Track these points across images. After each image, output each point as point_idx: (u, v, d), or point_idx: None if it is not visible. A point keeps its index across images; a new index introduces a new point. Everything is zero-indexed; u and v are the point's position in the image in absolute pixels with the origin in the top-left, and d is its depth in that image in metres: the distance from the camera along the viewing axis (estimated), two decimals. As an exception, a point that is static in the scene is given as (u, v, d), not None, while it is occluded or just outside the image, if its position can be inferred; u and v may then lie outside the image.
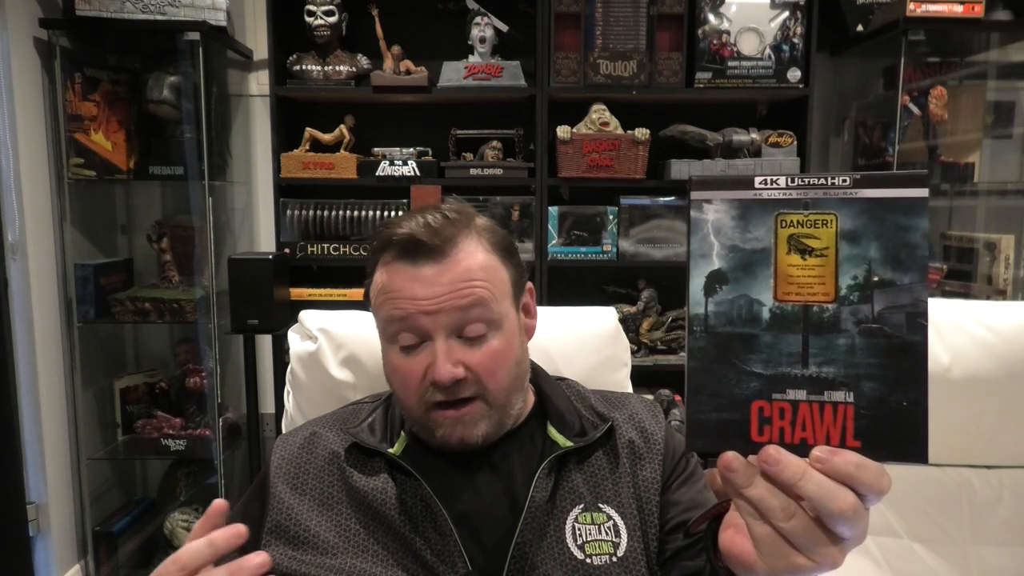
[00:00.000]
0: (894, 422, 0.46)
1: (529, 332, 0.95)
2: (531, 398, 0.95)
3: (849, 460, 0.45)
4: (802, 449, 0.46)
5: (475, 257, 0.85)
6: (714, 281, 0.48)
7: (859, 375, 0.47)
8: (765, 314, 0.48)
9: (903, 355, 0.46)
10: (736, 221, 0.48)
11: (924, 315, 0.46)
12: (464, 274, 0.83)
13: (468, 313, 0.83)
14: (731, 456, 0.47)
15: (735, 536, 0.52)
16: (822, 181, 0.47)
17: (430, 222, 0.84)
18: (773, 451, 0.46)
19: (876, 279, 0.47)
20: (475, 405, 0.84)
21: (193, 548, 0.63)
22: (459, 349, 0.83)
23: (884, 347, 0.46)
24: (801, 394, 0.47)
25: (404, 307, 0.83)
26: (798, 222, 0.47)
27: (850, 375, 0.47)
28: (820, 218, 0.47)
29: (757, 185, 0.48)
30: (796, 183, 0.48)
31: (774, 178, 0.48)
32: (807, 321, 0.47)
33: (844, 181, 0.47)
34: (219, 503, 0.67)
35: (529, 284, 0.95)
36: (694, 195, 0.48)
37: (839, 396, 0.47)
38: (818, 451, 0.46)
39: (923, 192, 0.46)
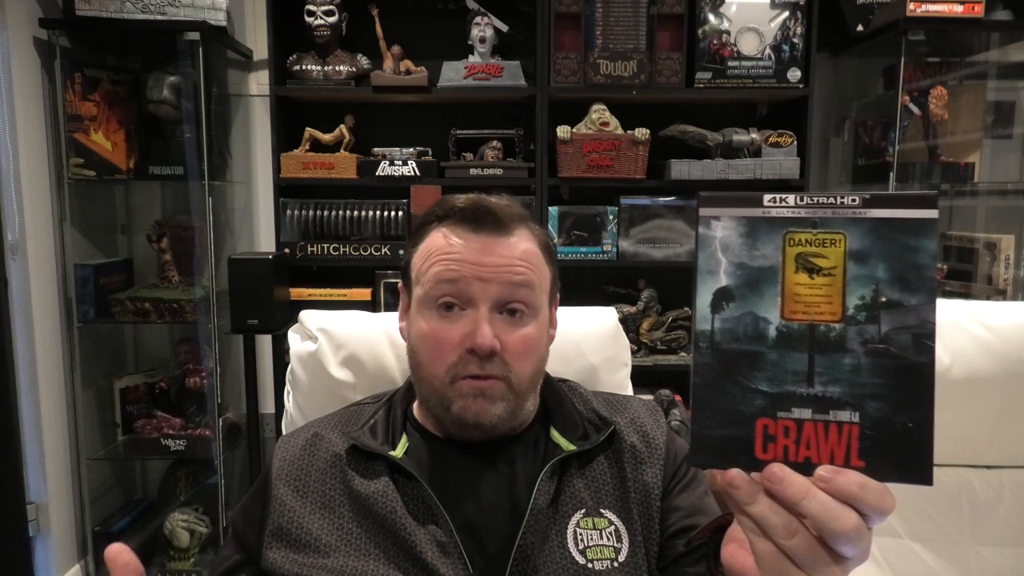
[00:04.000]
0: (899, 443, 0.46)
1: (550, 339, 0.95)
2: (537, 401, 0.95)
3: (853, 480, 0.45)
4: (806, 468, 0.46)
5: (530, 244, 0.89)
6: (721, 298, 0.48)
7: (865, 395, 0.46)
8: (771, 332, 0.48)
9: (909, 376, 0.46)
10: (744, 238, 0.48)
11: (931, 336, 0.46)
12: (521, 254, 0.87)
13: (517, 291, 0.86)
14: (735, 473, 0.47)
15: (737, 551, 0.53)
16: (831, 200, 0.47)
17: (495, 200, 0.89)
18: (777, 469, 0.46)
19: (883, 299, 0.46)
20: (499, 382, 0.85)
21: None
22: (498, 325, 0.85)
23: (890, 368, 0.46)
24: (806, 413, 0.47)
25: (457, 269, 0.85)
26: (806, 241, 0.47)
27: (855, 395, 0.47)
28: (828, 237, 0.47)
29: (766, 203, 0.48)
30: (805, 201, 0.47)
31: (783, 196, 0.47)
32: (813, 340, 0.47)
33: (853, 200, 0.47)
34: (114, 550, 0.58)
35: (556, 295, 0.97)
36: (702, 211, 0.48)
37: (844, 416, 0.47)
38: (822, 470, 0.46)
39: (933, 213, 0.46)
